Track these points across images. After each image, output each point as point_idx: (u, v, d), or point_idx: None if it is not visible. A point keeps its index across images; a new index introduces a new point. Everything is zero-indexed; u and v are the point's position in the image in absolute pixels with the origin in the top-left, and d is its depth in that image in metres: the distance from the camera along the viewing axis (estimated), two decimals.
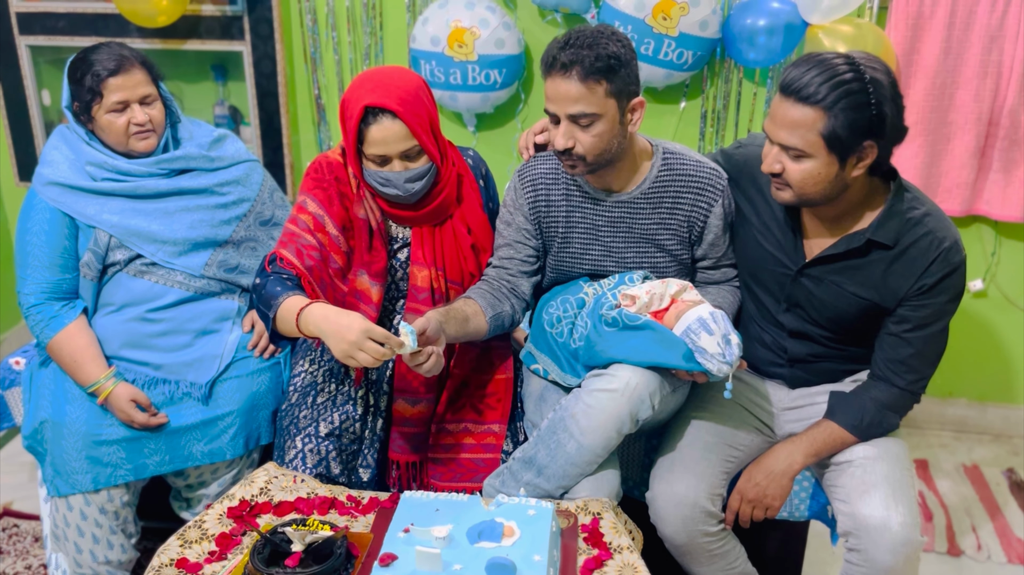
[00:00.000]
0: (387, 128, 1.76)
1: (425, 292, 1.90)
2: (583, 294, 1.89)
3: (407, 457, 1.95)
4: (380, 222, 1.90)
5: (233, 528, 1.62)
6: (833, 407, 1.82)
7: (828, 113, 1.58)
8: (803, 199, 1.70)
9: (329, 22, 2.83)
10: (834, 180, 1.65)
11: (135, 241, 2.04)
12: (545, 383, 1.95)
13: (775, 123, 1.66)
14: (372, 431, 1.95)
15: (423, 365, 1.67)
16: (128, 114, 2.00)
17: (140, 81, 2.01)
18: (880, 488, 1.69)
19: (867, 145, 1.62)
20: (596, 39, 1.70)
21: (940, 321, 1.75)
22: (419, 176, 1.82)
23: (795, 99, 1.61)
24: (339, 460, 1.88)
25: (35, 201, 2.05)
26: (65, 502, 1.98)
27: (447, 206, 1.92)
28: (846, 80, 1.57)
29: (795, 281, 1.82)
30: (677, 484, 1.76)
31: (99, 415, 1.98)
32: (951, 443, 3.00)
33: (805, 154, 1.63)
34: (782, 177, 1.69)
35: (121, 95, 1.98)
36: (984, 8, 2.51)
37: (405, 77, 1.81)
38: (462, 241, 1.95)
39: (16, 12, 2.87)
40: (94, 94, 1.98)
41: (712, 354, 1.66)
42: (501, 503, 1.59)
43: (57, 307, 2.03)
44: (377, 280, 1.89)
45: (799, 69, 1.61)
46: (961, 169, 2.66)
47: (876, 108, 1.58)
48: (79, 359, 2.00)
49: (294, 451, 1.87)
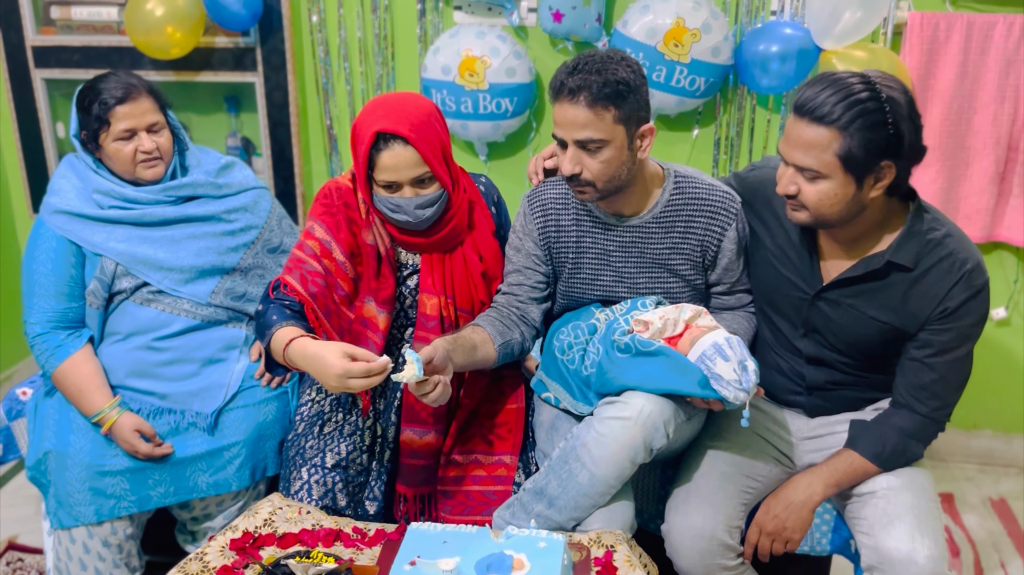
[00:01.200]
0: (398, 155, 1.73)
1: (434, 320, 1.87)
2: (595, 320, 1.85)
3: (415, 490, 1.90)
4: (389, 248, 1.87)
5: (235, 560, 1.57)
6: (854, 436, 1.76)
7: (844, 133, 1.55)
8: (819, 221, 1.67)
9: (341, 53, 2.84)
10: (851, 201, 1.62)
11: (141, 269, 2.03)
12: (556, 412, 1.90)
13: (789, 144, 1.62)
14: (380, 462, 1.91)
15: (429, 395, 1.63)
16: (135, 142, 2.01)
17: (147, 109, 2.02)
18: (905, 519, 1.63)
19: (884, 165, 1.58)
20: (605, 64, 1.67)
21: (964, 346, 1.69)
22: (430, 203, 1.79)
23: (810, 119, 1.57)
24: (345, 492, 1.84)
25: (42, 230, 2.05)
26: (68, 535, 1.95)
27: (458, 233, 1.89)
28: (862, 99, 1.54)
29: (812, 305, 1.78)
30: (693, 516, 1.71)
31: (103, 445, 1.95)
32: (976, 476, 2.92)
33: (821, 175, 1.60)
34: (797, 199, 1.65)
35: (128, 123, 1.99)
36: (1000, 32, 2.48)
37: (417, 103, 1.78)
38: (472, 268, 1.91)
39: (32, 45, 2.89)
40: (101, 122, 1.99)
41: (728, 381, 1.61)
42: (511, 535, 1.54)
43: (63, 336, 2.01)
44: (384, 307, 1.86)
45: (813, 89, 1.58)
46: (980, 194, 2.62)
47: (893, 127, 1.54)
48: (84, 388, 1.98)
49: (300, 482, 1.83)
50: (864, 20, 2.40)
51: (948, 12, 2.52)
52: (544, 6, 2.58)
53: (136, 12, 2.64)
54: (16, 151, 3.04)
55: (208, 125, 3.03)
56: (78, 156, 2.08)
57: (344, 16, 2.80)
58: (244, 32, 2.79)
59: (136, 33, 2.68)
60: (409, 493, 1.90)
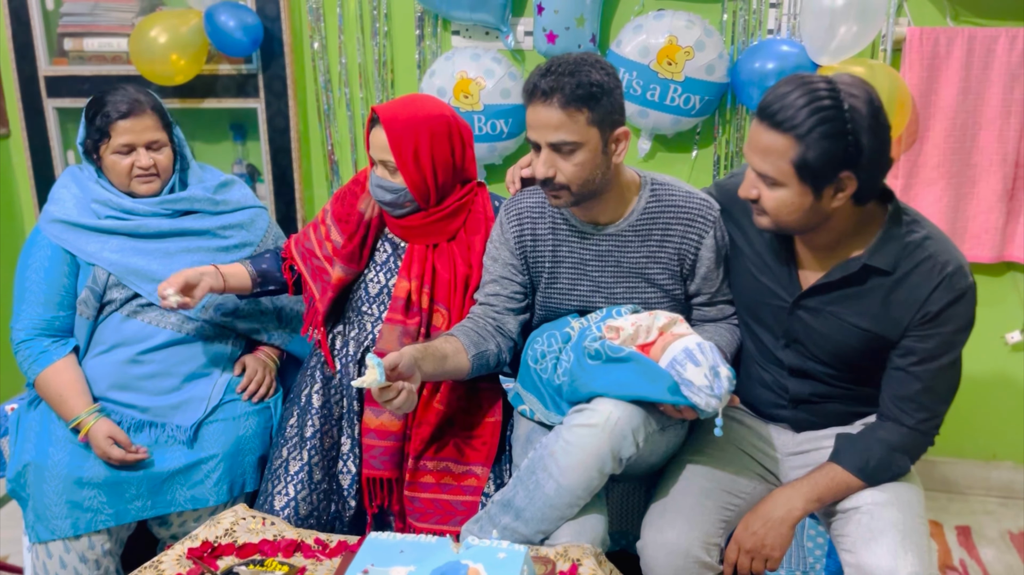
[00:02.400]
0: (377, 135, 1.89)
1: (401, 300, 1.91)
2: (569, 329, 1.81)
3: (375, 472, 1.89)
4: (375, 218, 1.99)
5: (191, 569, 1.54)
6: (838, 449, 1.68)
7: (800, 142, 1.49)
8: (780, 227, 1.62)
9: (342, 78, 2.87)
10: (809, 210, 1.56)
11: (133, 280, 2.04)
12: (533, 425, 1.86)
13: (750, 147, 1.58)
14: (351, 438, 1.92)
15: (393, 401, 1.60)
16: (133, 157, 2.04)
17: (149, 126, 2.05)
18: (888, 535, 1.54)
19: (844, 176, 1.52)
20: (578, 67, 1.66)
21: (949, 354, 1.61)
22: (390, 189, 1.89)
23: (769, 124, 1.52)
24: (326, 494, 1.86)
25: (38, 238, 2.07)
26: (45, 549, 1.93)
27: (437, 231, 1.95)
28: (822, 107, 1.48)
29: (792, 314, 1.72)
30: (668, 531, 1.64)
31: (81, 456, 1.94)
32: (997, 510, 2.78)
33: (777, 183, 1.55)
34: (759, 203, 1.60)
35: (128, 138, 2.02)
36: (1003, 46, 2.43)
37: (425, 106, 1.91)
38: (458, 270, 1.94)
39: (45, 76, 2.97)
40: (102, 134, 2.03)
41: (699, 387, 1.56)
42: (471, 546, 1.49)
43: (47, 343, 2.03)
44: (342, 261, 1.97)
45: (776, 92, 1.53)
46: (989, 213, 2.54)
47: (853, 138, 1.48)
48: (64, 394, 1.98)
49: (286, 498, 1.86)
50: (860, 35, 2.36)
51: (948, 27, 2.47)
52: (539, 27, 2.58)
53: (141, 40, 2.70)
54: (29, 179, 3.10)
55: (214, 153, 3.07)
56: (81, 167, 2.12)
57: (344, 43, 2.84)
58: (246, 59, 2.83)
59: (141, 61, 2.73)
60: (367, 476, 1.90)
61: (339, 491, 1.90)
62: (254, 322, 2.21)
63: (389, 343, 1.87)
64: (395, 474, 1.90)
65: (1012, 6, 2.45)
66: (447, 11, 2.66)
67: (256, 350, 2.22)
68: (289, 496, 1.86)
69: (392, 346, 1.86)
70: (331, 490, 1.89)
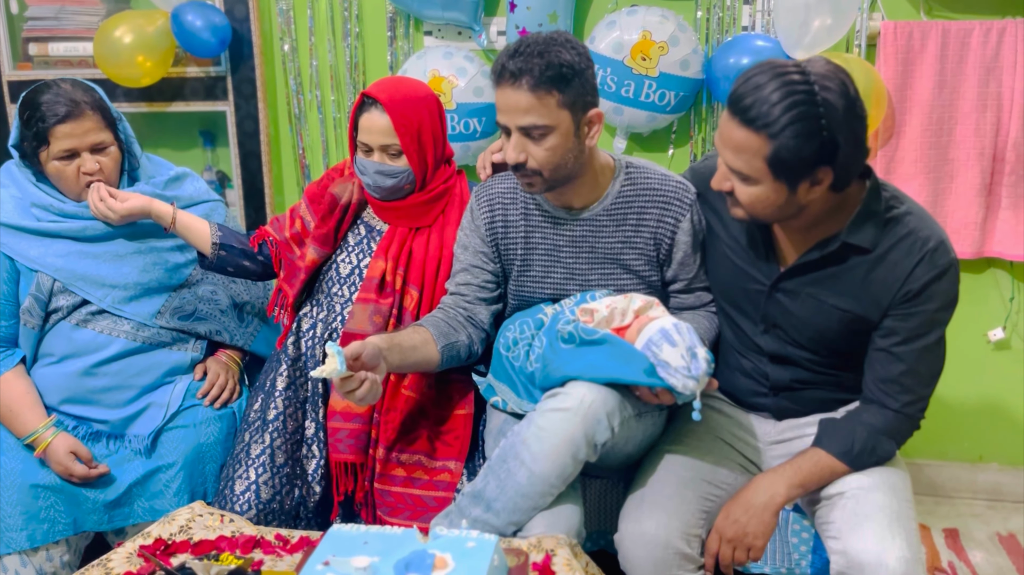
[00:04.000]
0: (374, 119, 1.82)
1: (375, 280, 1.87)
2: (542, 315, 1.75)
3: (341, 457, 1.82)
4: (353, 203, 1.94)
5: (141, 567, 1.46)
6: (821, 434, 1.63)
7: (773, 140, 1.43)
8: (756, 219, 1.57)
9: (313, 81, 2.82)
10: (785, 204, 1.52)
11: (81, 285, 1.93)
12: (505, 417, 1.79)
13: (722, 141, 1.52)
14: (315, 421, 1.86)
15: (355, 392, 1.53)
16: (77, 162, 1.90)
17: (91, 128, 1.89)
18: (875, 519, 1.48)
19: (820, 171, 1.47)
20: (547, 47, 1.61)
21: (932, 333, 1.57)
22: (392, 174, 1.84)
23: (740, 120, 1.46)
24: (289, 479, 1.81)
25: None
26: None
27: (426, 210, 1.91)
28: (794, 103, 1.41)
29: (770, 298, 1.67)
30: (646, 522, 1.57)
31: (34, 462, 1.85)
32: (984, 512, 2.72)
33: (751, 179, 1.50)
34: (734, 196, 1.56)
35: (69, 143, 1.87)
36: (977, 39, 2.41)
37: (414, 86, 1.88)
38: (431, 252, 1.90)
39: (8, 81, 2.90)
40: (41, 140, 1.87)
41: (676, 368, 1.50)
42: (439, 536, 1.41)
43: None
44: (315, 243, 1.93)
45: (748, 83, 1.46)
46: (968, 208, 2.51)
47: (827, 133, 1.43)
48: (15, 408, 1.88)
49: (246, 482, 1.80)
50: (834, 27, 2.34)
51: (922, 20, 2.46)
52: (511, 24, 2.55)
53: (105, 41, 2.64)
54: None
55: (183, 160, 2.98)
56: (18, 166, 1.98)
57: (315, 44, 2.80)
58: (215, 61, 2.78)
59: (106, 63, 2.68)
60: (335, 460, 1.84)
61: (303, 476, 1.83)
62: (214, 323, 2.10)
63: (360, 323, 1.81)
64: (361, 458, 1.83)
65: (983, 0, 2.44)
66: (419, 11, 2.62)
67: (217, 352, 2.13)
68: (250, 480, 1.80)
69: (362, 326, 1.81)
70: (294, 474, 1.82)
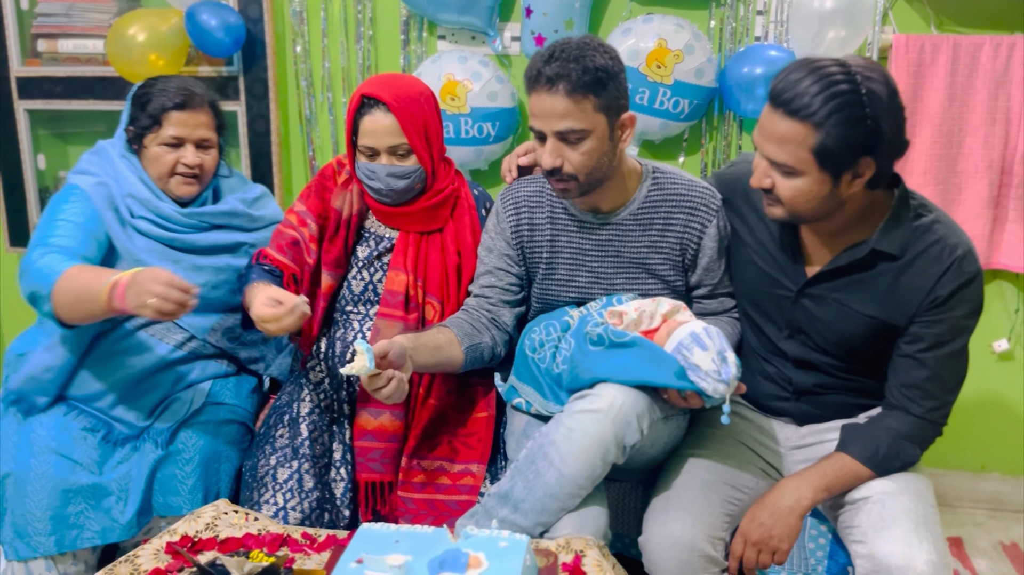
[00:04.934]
0: (378, 120, 1.77)
1: (400, 296, 1.82)
2: (568, 318, 1.76)
3: (369, 476, 1.80)
4: (355, 215, 1.88)
5: (169, 564, 1.45)
6: (845, 439, 1.64)
7: (819, 129, 1.46)
8: (795, 216, 1.58)
9: (325, 83, 2.82)
10: (827, 198, 1.53)
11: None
12: (528, 419, 1.79)
13: (763, 136, 1.54)
14: (341, 442, 1.82)
15: (382, 390, 1.53)
16: (179, 153, 1.89)
17: (203, 123, 1.91)
18: (901, 523, 1.50)
19: (863, 162, 1.49)
20: (582, 51, 1.62)
21: (957, 339, 1.58)
22: (404, 175, 1.80)
23: (784, 111, 1.48)
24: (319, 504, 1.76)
25: (78, 192, 1.87)
26: (24, 567, 1.79)
27: (438, 214, 1.88)
28: (839, 92, 1.44)
29: (796, 303, 1.68)
30: (672, 524, 1.57)
31: (67, 468, 1.81)
32: (986, 521, 2.75)
33: (795, 171, 1.51)
34: (773, 193, 1.57)
35: (179, 131, 1.88)
36: (987, 54, 2.45)
37: (410, 82, 1.84)
38: (448, 259, 1.87)
39: (16, 76, 2.88)
40: (154, 121, 1.87)
41: (706, 371, 1.51)
42: (470, 535, 1.41)
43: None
44: (328, 269, 1.85)
45: (790, 77, 1.49)
46: (976, 220, 2.54)
47: (872, 123, 1.45)
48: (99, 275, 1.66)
49: (275, 507, 1.75)
50: (847, 39, 2.37)
51: (933, 34, 2.49)
52: (526, 30, 2.57)
53: (118, 39, 2.63)
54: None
55: None
56: (124, 155, 1.93)
57: (328, 46, 2.80)
58: (227, 61, 2.78)
59: (118, 60, 2.67)
60: (364, 479, 1.81)
61: (332, 500, 1.78)
62: (255, 351, 2.10)
63: (387, 338, 1.79)
64: (392, 476, 1.81)
65: (994, 15, 2.48)
66: (434, 14, 2.63)
67: None
68: (278, 505, 1.74)
69: None
70: (323, 498, 1.77)
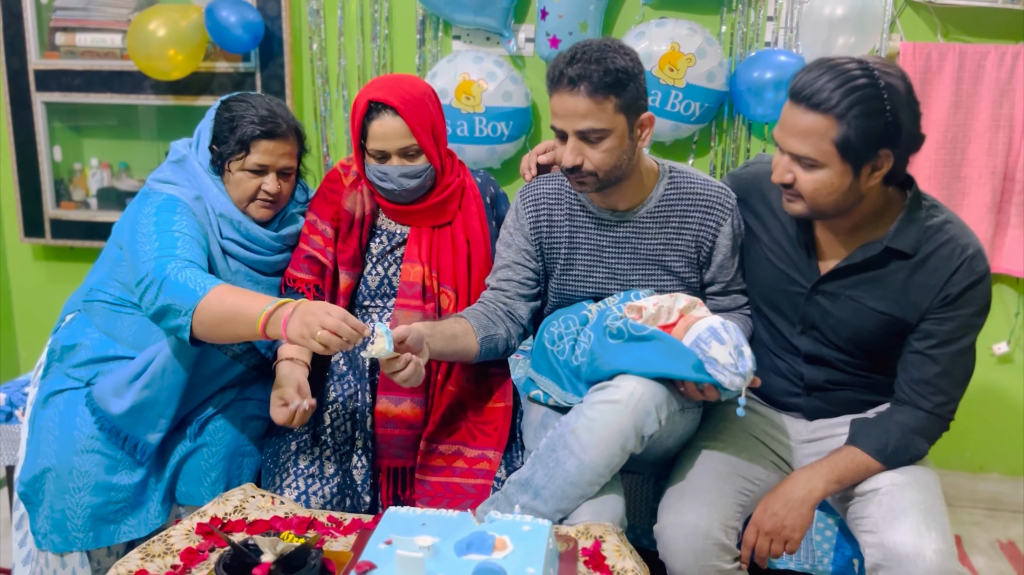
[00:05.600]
0: (387, 124, 1.79)
1: (416, 287, 1.87)
2: (586, 312, 1.80)
3: (391, 462, 1.84)
4: (368, 215, 1.91)
5: (201, 543, 1.48)
6: (855, 433, 1.69)
7: (841, 121, 1.52)
8: (816, 211, 1.63)
9: (340, 80, 2.86)
10: (848, 191, 1.58)
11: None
12: (545, 410, 1.83)
13: (785, 131, 1.60)
14: (362, 430, 1.85)
15: (400, 372, 1.57)
16: (261, 180, 1.89)
17: (287, 152, 1.91)
18: (911, 515, 1.54)
19: (883, 154, 1.55)
20: (604, 53, 1.66)
21: (967, 337, 1.64)
22: (416, 174, 1.83)
23: (806, 106, 1.55)
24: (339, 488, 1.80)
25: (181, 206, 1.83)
26: (59, 559, 1.80)
27: (446, 209, 1.92)
28: (860, 86, 1.51)
29: (809, 300, 1.73)
30: (687, 513, 1.62)
31: (109, 463, 1.81)
32: (984, 521, 2.80)
33: (818, 164, 1.57)
34: (793, 188, 1.62)
35: (266, 160, 1.87)
36: (992, 62, 2.51)
37: (413, 82, 1.87)
38: (459, 249, 1.91)
39: (35, 69, 2.92)
40: (243, 147, 1.86)
41: (724, 365, 1.56)
42: (494, 519, 1.45)
43: None
44: (345, 268, 1.91)
45: (810, 75, 1.56)
46: (978, 224, 2.59)
47: (891, 115, 1.52)
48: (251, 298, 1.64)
49: (296, 491, 1.78)
50: (856, 46, 2.42)
51: (940, 43, 2.55)
52: (541, 32, 2.61)
53: (139, 33, 2.67)
54: (12, 174, 3.03)
55: None
56: (208, 172, 1.90)
57: (344, 44, 2.84)
58: (244, 57, 2.82)
59: (138, 54, 2.70)
60: (386, 465, 1.85)
61: (352, 486, 1.82)
62: None
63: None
64: (412, 462, 1.85)
65: (999, 25, 2.53)
66: (450, 14, 2.68)
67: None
68: (300, 490, 1.78)
69: None
70: (344, 485, 1.81)
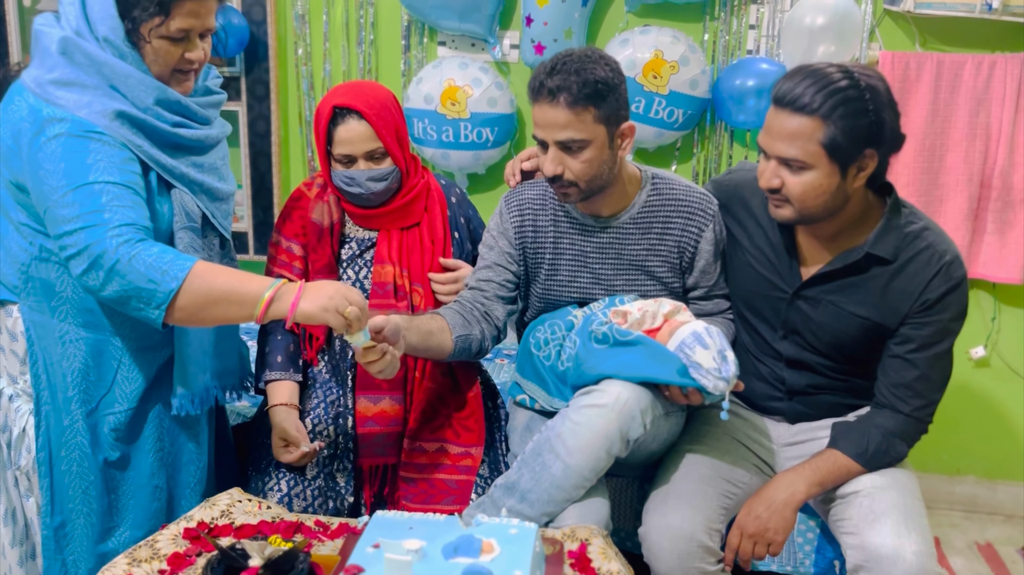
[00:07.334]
0: (353, 128, 1.81)
1: (388, 286, 1.89)
2: (571, 317, 1.82)
3: (372, 460, 1.86)
4: (336, 223, 1.93)
5: (188, 548, 1.48)
6: (836, 436, 1.72)
7: (827, 122, 1.55)
8: (804, 214, 1.65)
9: (325, 85, 2.87)
10: (836, 191, 1.61)
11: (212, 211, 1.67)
12: (531, 415, 1.85)
13: (772, 136, 1.62)
14: (344, 433, 1.86)
15: (375, 363, 1.56)
16: (184, 47, 1.59)
17: (212, 10, 1.61)
18: (891, 516, 1.57)
19: (868, 153, 1.58)
20: (583, 64, 1.68)
21: (944, 341, 1.67)
22: (382, 177, 1.86)
23: (791, 110, 1.57)
24: (321, 490, 1.81)
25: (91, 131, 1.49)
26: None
27: (413, 209, 1.94)
28: (842, 88, 1.55)
29: (791, 305, 1.76)
30: (672, 515, 1.64)
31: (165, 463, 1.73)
32: (962, 523, 2.85)
33: (806, 166, 1.59)
34: (781, 193, 1.64)
35: (190, 23, 1.56)
36: (969, 71, 2.55)
37: (375, 88, 1.89)
38: (427, 248, 1.94)
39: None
40: (162, 10, 1.53)
41: (708, 369, 1.58)
42: (481, 523, 1.46)
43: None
44: (321, 276, 1.90)
45: (793, 80, 1.59)
46: (955, 231, 2.63)
47: (875, 115, 1.55)
48: (241, 276, 1.50)
49: (279, 494, 1.79)
50: (837, 54, 2.46)
51: (918, 52, 2.59)
52: (526, 39, 2.63)
53: None
54: None
55: None
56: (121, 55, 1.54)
57: (330, 50, 2.85)
58: (229, 62, 2.82)
59: None
60: (368, 465, 1.87)
61: (335, 487, 1.84)
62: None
63: None
64: (395, 459, 1.87)
65: (976, 35, 2.58)
66: (435, 20, 2.69)
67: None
68: (282, 492, 1.79)
69: None
70: (327, 487, 1.82)
